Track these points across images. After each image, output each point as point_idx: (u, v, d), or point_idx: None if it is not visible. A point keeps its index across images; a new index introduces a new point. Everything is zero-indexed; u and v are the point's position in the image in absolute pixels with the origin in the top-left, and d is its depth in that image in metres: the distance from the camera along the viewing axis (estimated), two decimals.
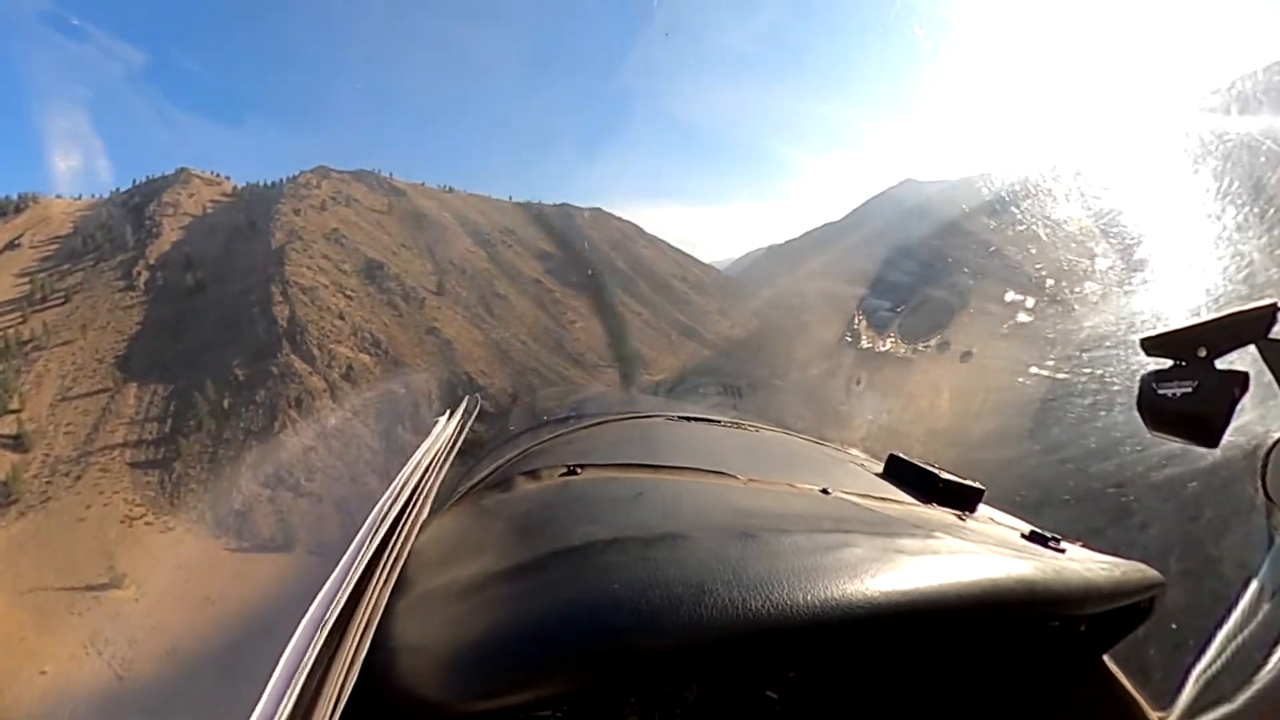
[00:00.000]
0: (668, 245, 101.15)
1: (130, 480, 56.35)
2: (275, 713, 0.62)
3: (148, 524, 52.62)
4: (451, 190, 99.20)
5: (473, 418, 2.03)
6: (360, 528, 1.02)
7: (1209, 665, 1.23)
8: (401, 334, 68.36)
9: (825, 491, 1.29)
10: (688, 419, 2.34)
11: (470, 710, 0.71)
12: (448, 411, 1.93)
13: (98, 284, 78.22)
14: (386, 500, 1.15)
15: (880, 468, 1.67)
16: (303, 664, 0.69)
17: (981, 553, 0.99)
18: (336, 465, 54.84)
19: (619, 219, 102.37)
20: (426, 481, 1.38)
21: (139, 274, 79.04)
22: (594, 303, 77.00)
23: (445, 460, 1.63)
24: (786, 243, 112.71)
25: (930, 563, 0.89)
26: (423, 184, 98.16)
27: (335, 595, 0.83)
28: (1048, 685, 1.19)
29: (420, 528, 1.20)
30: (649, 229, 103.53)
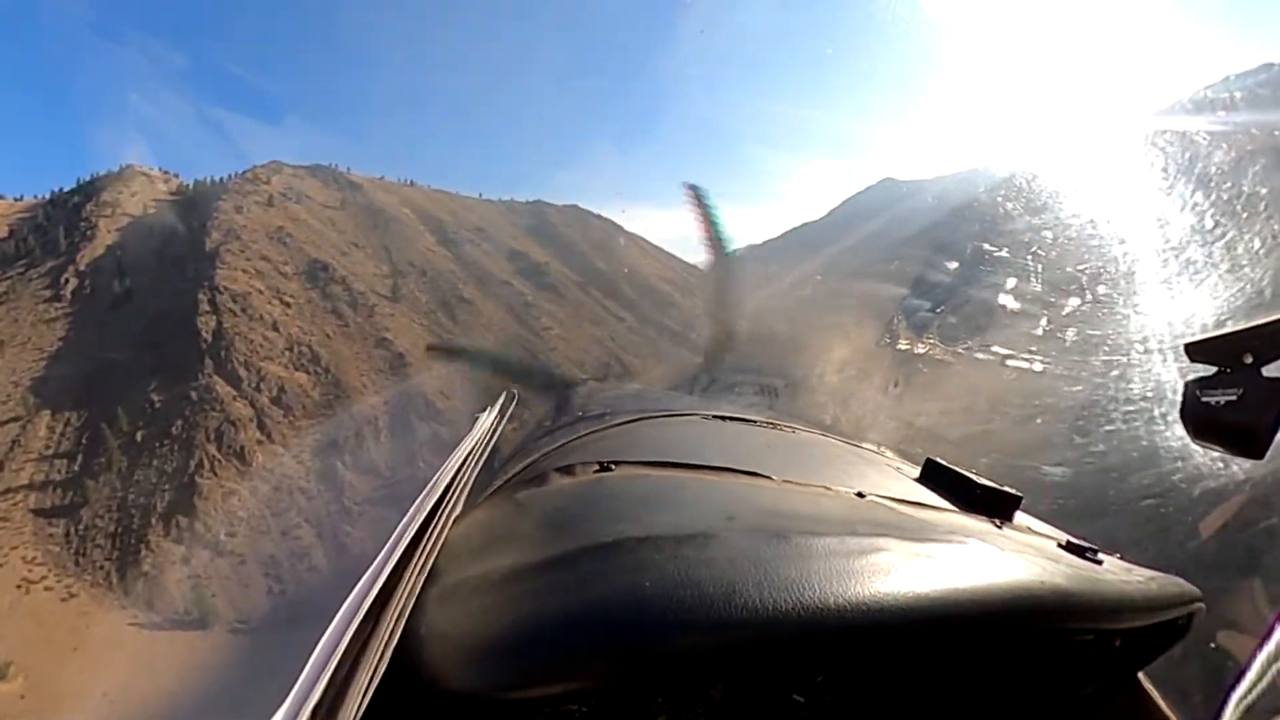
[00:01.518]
0: (649, 245, 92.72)
1: (33, 532, 47.83)
2: (307, 697, 0.64)
3: (48, 589, 44.15)
4: (413, 184, 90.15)
5: (510, 412, 2.02)
6: (400, 520, 1.07)
7: (1250, 689, 1.15)
8: (346, 347, 58.62)
9: (860, 495, 1.27)
10: (723, 418, 2.31)
11: (497, 701, 0.73)
12: (487, 406, 1.97)
13: (24, 294, 69.96)
14: (425, 493, 1.19)
15: (917, 472, 1.59)
16: (336, 651, 0.71)
17: (1016, 561, 0.98)
18: (263, 516, 45.97)
19: (597, 217, 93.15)
20: (464, 475, 1.43)
21: (66, 282, 70.69)
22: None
23: (482, 454, 1.66)
24: (765, 243, 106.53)
25: (964, 569, 0.89)
26: (382, 178, 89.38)
27: (371, 585, 0.85)
28: (1079, 700, 1.17)
29: (456, 520, 1.25)
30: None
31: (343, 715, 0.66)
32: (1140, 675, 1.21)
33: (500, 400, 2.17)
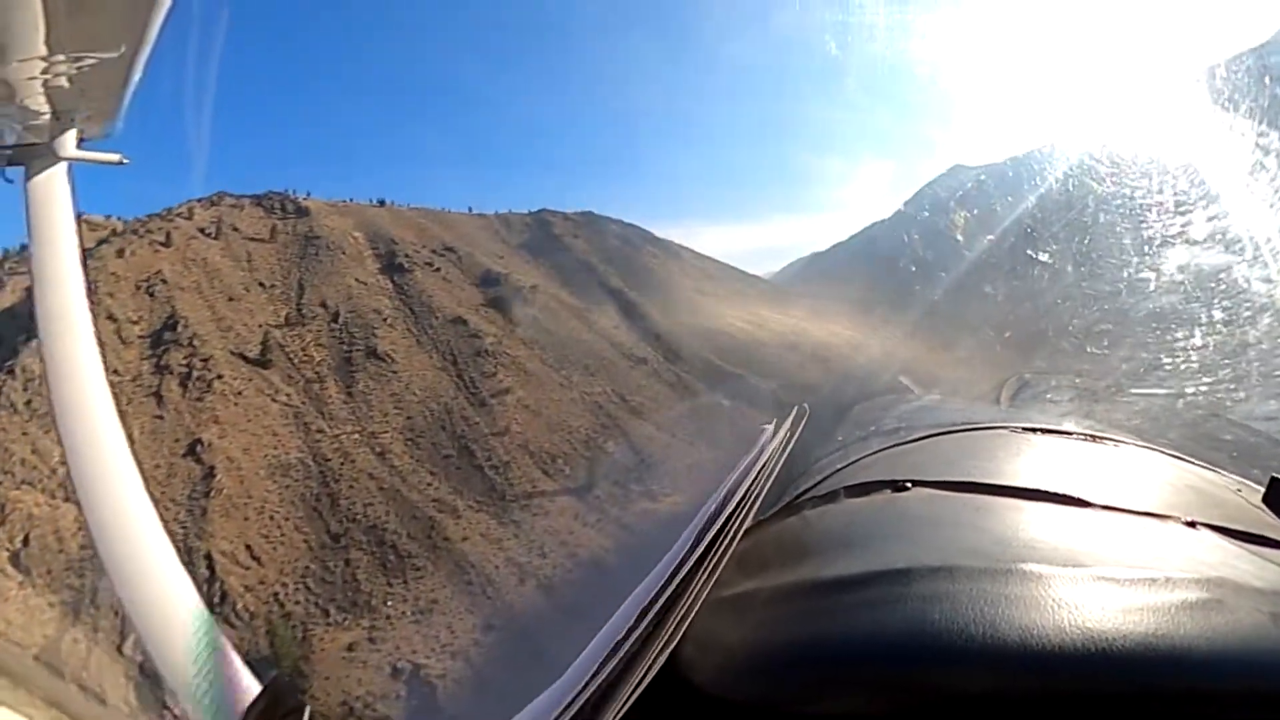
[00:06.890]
0: (689, 250, 66.78)
1: None
2: (580, 682, 0.69)
3: None
4: (384, 204, 68.75)
5: (800, 427, 1.97)
6: (688, 527, 1.07)
7: None
8: (145, 456, 34.65)
9: (1192, 524, 1.13)
10: (1033, 430, 2.09)
11: (767, 713, 0.73)
12: (774, 420, 1.92)
13: None
14: (714, 502, 1.20)
15: (1260, 495, 1.42)
16: (616, 646, 0.75)
17: None
18: None
19: (617, 222, 67.51)
20: (755, 488, 1.40)
21: None
22: None
23: (774, 468, 1.61)
24: (832, 248, 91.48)
25: None
26: (349, 200, 68.92)
27: (655, 588, 0.88)
28: None
29: (744, 533, 1.23)
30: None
31: (614, 701, 0.67)
32: None
33: (792, 414, 1.99)
